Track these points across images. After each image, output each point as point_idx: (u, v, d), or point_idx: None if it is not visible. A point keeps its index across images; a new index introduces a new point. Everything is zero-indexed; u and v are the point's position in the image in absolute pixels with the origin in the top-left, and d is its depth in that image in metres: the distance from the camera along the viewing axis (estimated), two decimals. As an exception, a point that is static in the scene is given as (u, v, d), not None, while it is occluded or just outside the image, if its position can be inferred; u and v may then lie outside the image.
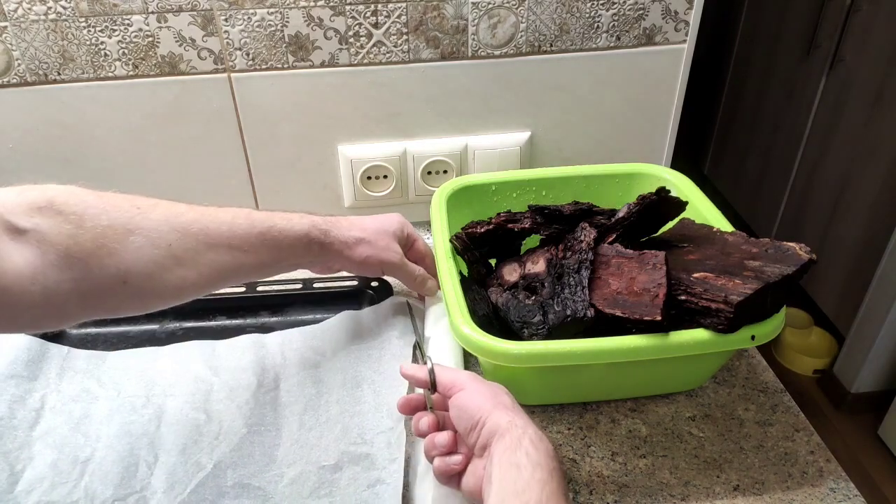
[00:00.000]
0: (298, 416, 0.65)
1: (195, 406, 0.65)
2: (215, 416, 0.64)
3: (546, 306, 0.60)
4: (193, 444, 0.62)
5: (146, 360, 0.70)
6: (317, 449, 0.62)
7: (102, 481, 0.59)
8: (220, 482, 0.59)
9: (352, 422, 0.63)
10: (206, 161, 0.83)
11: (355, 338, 0.72)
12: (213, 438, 0.62)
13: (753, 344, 0.58)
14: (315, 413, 0.65)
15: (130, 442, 0.62)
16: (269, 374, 0.68)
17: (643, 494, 0.59)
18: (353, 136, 0.84)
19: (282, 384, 0.68)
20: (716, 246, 0.64)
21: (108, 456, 0.61)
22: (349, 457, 0.60)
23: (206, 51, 0.76)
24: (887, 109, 1.58)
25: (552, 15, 0.79)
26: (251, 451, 0.62)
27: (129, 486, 0.59)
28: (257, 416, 0.64)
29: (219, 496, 0.58)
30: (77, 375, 0.68)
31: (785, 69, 1.96)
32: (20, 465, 0.60)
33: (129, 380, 0.68)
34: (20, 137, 0.78)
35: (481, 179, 0.77)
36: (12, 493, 0.58)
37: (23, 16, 0.71)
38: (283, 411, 0.65)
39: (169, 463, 0.60)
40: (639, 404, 0.68)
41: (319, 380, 0.68)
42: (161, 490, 0.59)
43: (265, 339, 0.72)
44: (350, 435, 0.62)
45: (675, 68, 0.85)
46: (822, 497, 0.59)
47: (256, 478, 0.60)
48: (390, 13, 0.77)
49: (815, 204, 1.88)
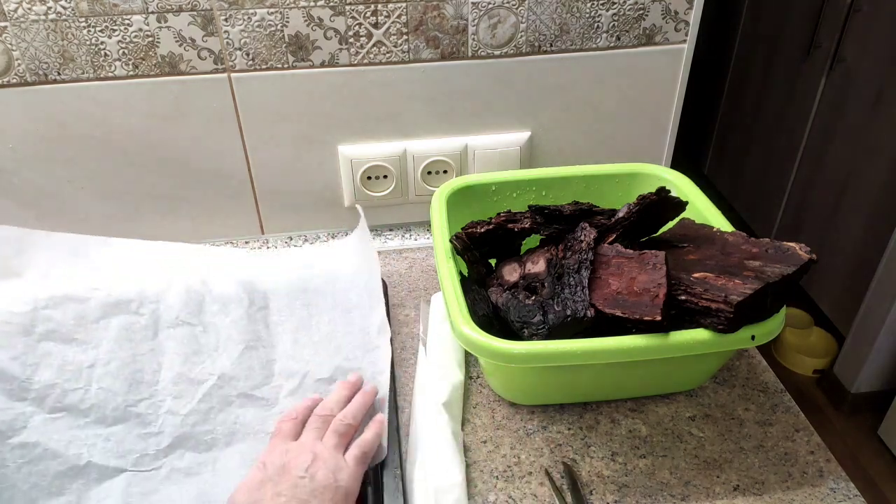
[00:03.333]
0: (292, 335, 0.69)
1: (190, 315, 0.68)
2: (211, 329, 0.68)
3: (546, 306, 0.60)
4: (194, 354, 0.66)
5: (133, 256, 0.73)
6: (312, 364, 0.67)
7: (111, 387, 0.62)
8: (224, 392, 0.64)
9: (343, 340, 0.68)
10: (206, 161, 0.83)
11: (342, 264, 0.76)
12: (212, 350, 0.66)
13: (753, 344, 0.58)
14: (308, 332, 0.69)
15: (132, 347, 0.65)
16: (258, 293, 0.71)
17: (643, 494, 0.59)
18: (353, 136, 0.84)
19: (271, 304, 0.71)
20: (716, 246, 0.64)
21: (111, 361, 0.64)
22: (342, 371, 0.66)
23: (206, 51, 0.76)
24: (887, 109, 1.58)
25: (552, 15, 0.79)
26: (251, 364, 0.66)
27: (138, 391, 0.63)
28: (251, 333, 0.68)
29: (225, 404, 0.63)
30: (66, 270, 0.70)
31: (785, 69, 1.96)
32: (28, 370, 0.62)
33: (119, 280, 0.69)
34: (20, 137, 0.78)
35: (481, 179, 0.77)
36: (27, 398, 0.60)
37: (23, 16, 0.71)
38: (275, 329, 0.69)
39: (173, 371, 0.64)
40: (639, 404, 0.68)
41: (309, 303, 0.72)
42: (171, 396, 0.63)
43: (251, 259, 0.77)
44: (342, 353, 0.67)
45: (675, 68, 0.85)
46: (822, 497, 0.59)
47: (259, 390, 0.65)
48: (390, 13, 0.77)
49: (815, 204, 1.88)
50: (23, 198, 0.82)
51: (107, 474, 0.59)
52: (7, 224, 0.81)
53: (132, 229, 0.86)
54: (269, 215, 0.89)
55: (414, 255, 0.88)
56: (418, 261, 0.88)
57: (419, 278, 0.84)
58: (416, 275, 0.85)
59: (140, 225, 0.86)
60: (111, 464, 0.59)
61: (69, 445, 0.59)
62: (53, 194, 0.82)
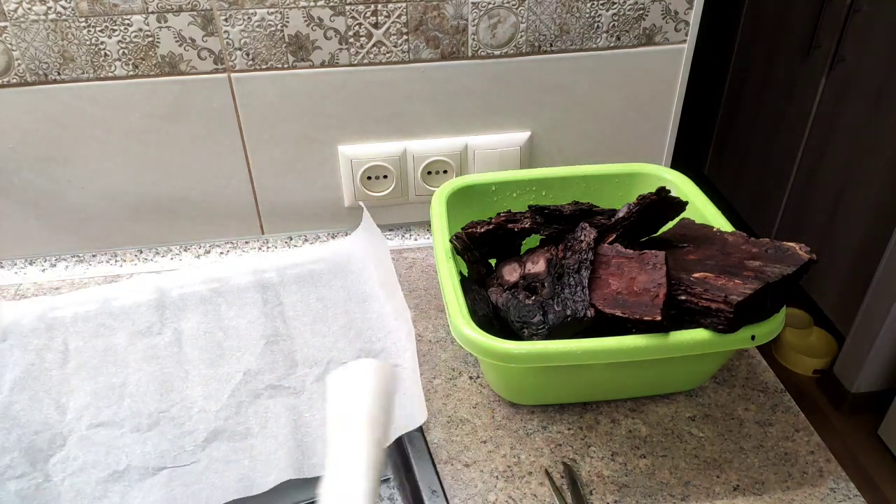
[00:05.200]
0: (310, 326, 0.72)
1: (210, 325, 0.72)
2: (232, 332, 0.72)
3: (546, 306, 0.60)
4: (218, 357, 0.69)
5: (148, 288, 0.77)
6: (334, 350, 0.69)
7: (143, 399, 0.65)
8: (252, 386, 0.67)
9: (363, 326, 0.71)
10: (206, 161, 0.83)
11: (351, 258, 0.79)
12: (235, 351, 0.70)
13: (753, 344, 0.58)
14: (325, 323, 0.72)
15: (158, 364, 0.69)
16: (269, 292, 0.75)
17: (643, 494, 0.59)
18: (353, 136, 0.84)
19: (284, 300, 0.75)
20: (716, 246, 0.64)
21: (141, 377, 0.67)
22: (366, 352, 0.68)
23: (206, 51, 0.76)
24: (887, 109, 1.58)
25: (552, 15, 0.79)
26: (273, 358, 0.69)
27: (168, 399, 0.66)
28: (270, 329, 0.71)
29: (254, 397, 0.66)
30: (90, 314, 0.74)
31: (785, 69, 1.96)
32: (63, 398, 0.66)
33: (139, 307, 0.74)
34: (20, 137, 0.78)
35: (481, 179, 0.77)
36: (64, 420, 0.64)
37: (23, 16, 0.71)
38: (293, 323, 0.72)
39: (200, 375, 0.68)
40: (639, 404, 0.68)
41: (322, 297, 0.75)
42: (201, 398, 0.66)
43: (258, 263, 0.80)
44: (363, 337, 0.70)
45: (675, 68, 0.85)
46: (822, 497, 0.59)
47: (285, 380, 0.67)
48: (390, 13, 0.77)
49: (815, 204, 1.88)
50: (23, 198, 0.82)
51: (147, 473, 0.61)
52: (7, 224, 0.82)
53: (132, 229, 0.86)
54: (269, 215, 0.89)
55: (414, 255, 0.88)
56: (418, 261, 0.88)
57: (419, 278, 0.84)
58: (416, 275, 0.85)
59: (140, 225, 0.86)
60: (151, 464, 0.61)
61: (108, 454, 0.62)
62: (53, 194, 0.82)
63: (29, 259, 0.86)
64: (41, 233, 0.85)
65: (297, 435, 0.63)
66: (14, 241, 0.85)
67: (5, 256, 0.86)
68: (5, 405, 0.65)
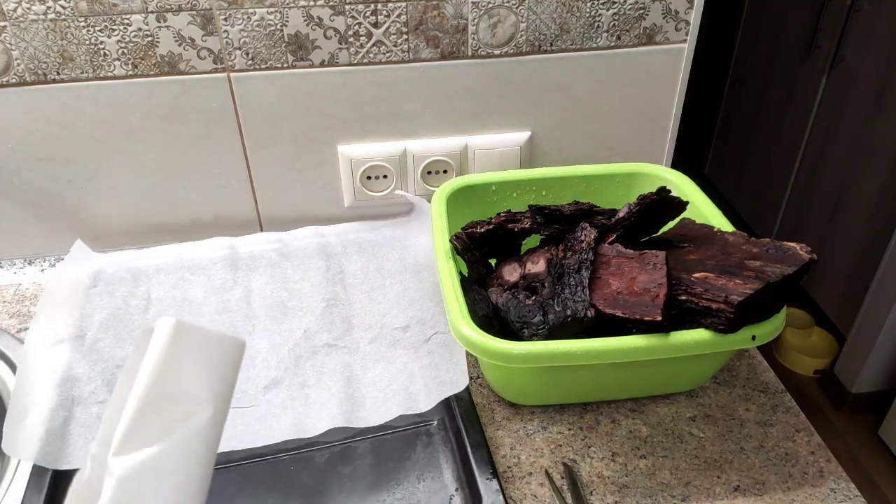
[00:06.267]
0: (367, 294, 0.78)
1: (276, 286, 0.79)
2: (296, 294, 0.78)
3: (546, 306, 0.60)
4: (283, 315, 0.76)
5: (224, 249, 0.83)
6: (388, 317, 0.76)
7: None
8: (311, 343, 0.73)
9: (416, 295, 0.78)
10: (206, 161, 0.83)
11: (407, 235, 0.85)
12: (297, 311, 0.76)
13: (754, 344, 0.58)
14: (382, 291, 0.79)
15: (229, 316, 0.75)
16: (333, 260, 0.82)
17: (643, 495, 0.59)
18: (353, 136, 0.84)
19: (346, 268, 0.81)
20: (716, 246, 0.63)
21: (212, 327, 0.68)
22: (416, 320, 0.75)
23: (205, 50, 0.76)
24: (887, 109, 1.58)
25: (552, 14, 0.79)
26: (332, 320, 0.75)
27: None
28: (331, 293, 0.78)
29: (313, 353, 0.72)
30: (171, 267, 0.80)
31: (785, 69, 1.96)
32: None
33: (215, 264, 0.81)
34: (20, 137, 0.78)
35: (481, 179, 0.77)
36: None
37: (22, 15, 0.71)
38: (352, 290, 0.79)
39: (265, 330, 0.74)
40: (639, 404, 0.68)
41: (381, 267, 0.81)
42: (265, 349, 0.72)
43: (323, 230, 0.86)
44: (415, 305, 0.77)
45: (676, 68, 0.85)
46: (822, 497, 0.59)
47: (341, 340, 0.73)
48: (390, 13, 0.77)
49: (815, 204, 1.88)
50: (23, 198, 0.82)
51: None
52: (7, 224, 0.82)
53: (132, 229, 0.86)
54: (268, 215, 0.89)
55: (414, 255, 0.88)
56: (418, 261, 0.87)
57: (419, 278, 0.84)
58: (416, 275, 0.85)
59: (139, 225, 0.86)
60: None
61: None
62: (53, 194, 0.82)
63: (29, 259, 0.86)
64: (41, 233, 0.85)
65: (348, 389, 0.69)
66: (14, 241, 0.85)
67: (5, 256, 0.86)
68: (92, 341, 0.72)
